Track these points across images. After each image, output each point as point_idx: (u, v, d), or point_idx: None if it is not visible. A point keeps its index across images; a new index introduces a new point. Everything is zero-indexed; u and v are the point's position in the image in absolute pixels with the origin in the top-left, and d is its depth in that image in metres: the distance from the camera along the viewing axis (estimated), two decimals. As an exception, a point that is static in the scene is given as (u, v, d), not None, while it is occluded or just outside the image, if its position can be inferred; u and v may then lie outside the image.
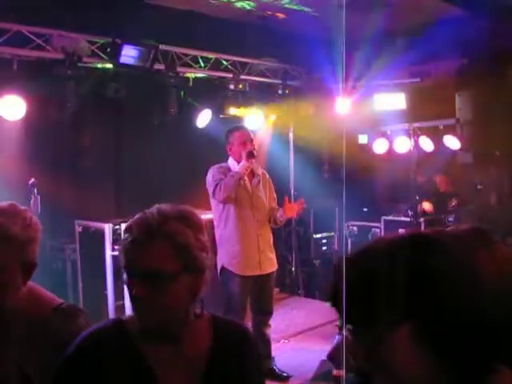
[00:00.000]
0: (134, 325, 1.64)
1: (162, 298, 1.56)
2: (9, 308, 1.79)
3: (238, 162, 4.91)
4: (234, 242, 4.87)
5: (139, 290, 1.55)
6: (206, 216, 5.11)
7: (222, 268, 4.84)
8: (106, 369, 1.58)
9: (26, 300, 1.84)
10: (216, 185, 4.76)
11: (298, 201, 5.30)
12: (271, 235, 5.17)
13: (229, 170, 4.92)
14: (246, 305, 4.94)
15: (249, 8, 6.84)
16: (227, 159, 5.06)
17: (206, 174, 4.96)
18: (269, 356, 5.05)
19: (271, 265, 5.05)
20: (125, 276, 1.60)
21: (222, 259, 4.85)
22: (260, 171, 5.12)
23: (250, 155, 4.79)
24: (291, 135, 8.44)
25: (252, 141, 4.96)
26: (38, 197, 5.12)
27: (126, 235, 1.59)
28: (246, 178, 4.92)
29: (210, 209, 5.10)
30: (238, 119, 7.22)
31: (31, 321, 1.82)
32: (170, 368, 1.63)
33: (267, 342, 5.02)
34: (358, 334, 1.00)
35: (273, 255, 5.10)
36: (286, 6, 6.61)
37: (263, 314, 5.03)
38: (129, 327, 1.66)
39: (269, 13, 7.05)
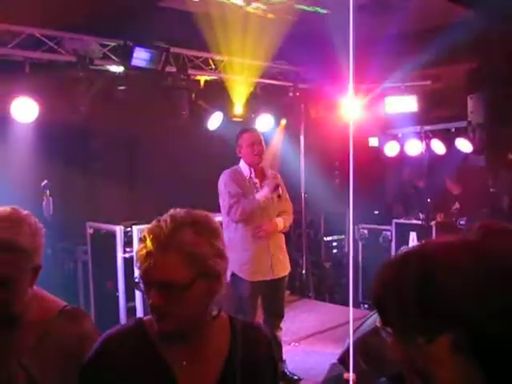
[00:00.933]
0: (153, 327, 1.65)
1: (178, 306, 1.58)
2: (17, 311, 1.80)
3: (248, 165, 4.92)
4: (244, 246, 4.83)
5: (155, 300, 1.57)
6: (218, 218, 5.11)
7: (232, 273, 4.79)
8: (127, 371, 1.61)
9: (32, 303, 1.85)
10: (232, 204, 4.76)
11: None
12: (283, 237, 5.14)
13: (241, 174, 4.92)
14: (256, 308, 4.92)
15: (263, 8, 6.84)
16: (238, 161, 5.06)
17: (217, 176, 4.96)
18: (280, 359, 5.03)
19: (283, 268, 5.01)
20: (141, 285, 1.62)
21: (232, 264, 4.80)
22: (270, 173, 5.10)
23: (275, 188, 4.83)
24: (302, 138, 8.43)
25: (260, 142, 4.96)
26: (51, 198, 5.15)
27: (141, 246, 1.60)
28: (256, 180, 4.93)
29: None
30: (248, 122, 7.23)
31: (38, 323, 1.83)
32: (189, 369, 1.66)
33: (278, 345, 5.00)
34: (397, 338, 1.01)
35: (285, 258, 5.07)
36: (298, 6, 6.59)
37: (275, 317, 5.02)
38: (149, 329, 1.68)
39: (281, 16, 7.05)
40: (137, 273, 1.62)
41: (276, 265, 4.92)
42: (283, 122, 7.95)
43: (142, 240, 1.61)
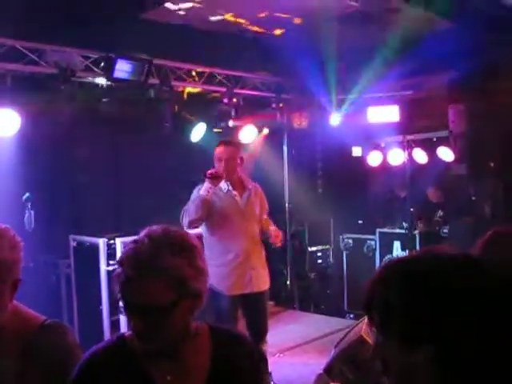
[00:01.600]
0: (136, 343, 1.64)
1: (160, 328, 1.58)
2: None
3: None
4: (223, 261, 4.72)
5: (137, 324, 1.57)
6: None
7: (210, 288, 4.62)
8: None
9: (12, 317, 1.84)
10: (182, 213, 4.63)
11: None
12: (264, 252, 5.05)
13: (219, 188, 4.79)
14: (236, 321, 4.78)
15: (242, 23, 6.88)
16: None
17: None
18: (266, 372, 4.92)
19: (264, 282, 4.91)
20: (121, 308, 1.61)
21: (211, 278, 4.63)
22: (251, 185, 4.99)
23: (210, 177, 4.62)
24: (285, 148, 8.46)
25: (228, 158, 4.77)
26: (32, 212, 5.12)
27: (119, 270, 1.59)
28: (236, 192, 4.83)
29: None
30: (231, 133, 7.25)
31: (19, 337, 1.82)
32: (174, 383, 1.65)
33: (263, 359, 4.86)
34: (381, 340, 1.02)
35: (265, 272, 4.96)
36: (278, 15, 6.62)
37: (258, 333, 4.83)
38: (131, 345, 1.67)
39: (263, 31, 7.10)
40: (117, 296, 1.61)
41: (256, 278, 4.81)
42: (265, 130, 7.95)
43: (120, 263, 1.59)
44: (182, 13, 6.33)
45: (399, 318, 0.96)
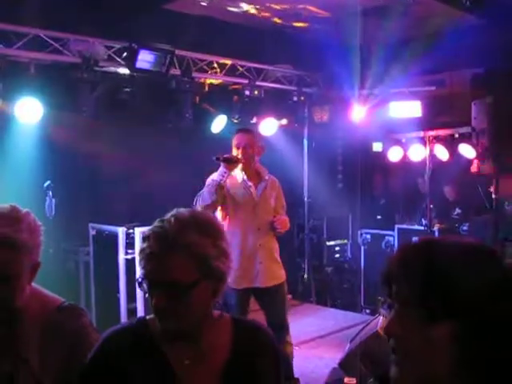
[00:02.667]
0: (156, 326, 1.66)
1: (182, 307, 1.59)
2: (17, 307, 1.82)
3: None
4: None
5: (159, 301, 1.57)
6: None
7: None
8: (128, 368, 1.62)
9: (31, 299, 1.88)
10: (196, 198, 4.54)
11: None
12: (276, 245, 4.86)
13: (235, 177, 4.70)
14: (245, 315, 4.64)
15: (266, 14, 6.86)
16: None
17: None
18: (290, 377, 4.70)
19: (273, 277, 4.73)
20: (144, 285, 1.61)
21: None
22: (267, 176, 4.85)
23: (226, 161, 4.52)
24: (305, 142, 8.44)
25: (246, 145, 4.66)
26: (53, 199, 5.16)
27: (144, 245, 1.60)
28: (251, 183, 4.70)
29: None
30: (252, 125, 7.24)
31: (37, 319, 1.87)
32: (192, 368, 1.66)
33: (287, 361, 4.69)
34: (398, 314, 1.01)
35: (276, 266, 4.78)
36: (303, 6, 6.59)
37: (277, 329, 4.55)
38: (152, 328, 1.68)
39: (289, 23, 7.08)
40: (140, 272, 1.62)
41: (263, 273, 4.66)
42: (284, 121, 7.91)
43: (145, 239, 1.60)
44: (204, 4, 6.33)
45: (424, 287, 0.94)
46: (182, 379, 1.64)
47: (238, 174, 4.71)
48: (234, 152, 4.70)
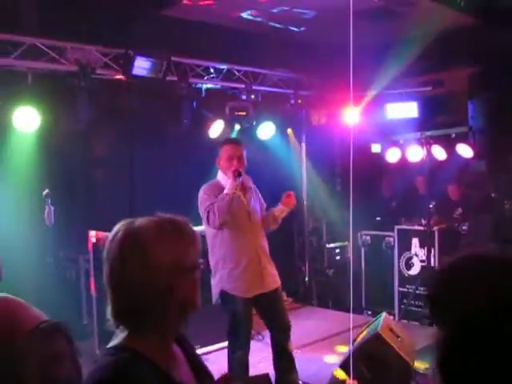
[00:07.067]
0: (150, 349, 1.61)
1: None
2: None
3: (228, 178, 4.66)
4: (237, 263, 4.61)
5: None
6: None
7: (223, 292, 4.59)
8: None
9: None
10: (208, 212, 4.48)
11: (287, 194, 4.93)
12: (267, 247, 4.89)
13: (218, 185, 4.68)
14: (251, 325, 4.71)
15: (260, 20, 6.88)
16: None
17: None
18: (294, 371, 4.84)
19: (274, 281, 4.76)
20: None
21: (223, 283, 4.60)
22: (251, 184, 4.88)
23: (237, 175, 4.53)
24: (303, 145, 8.44)
25: (240, 157, 4.68)
26: (52, 207, 5.16)
27: None
28: (240, 193, 4.66)
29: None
30: (249, 130, 7.25)
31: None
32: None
33: (290, 358, 4.80)
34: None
35: (273, 269, 4.81)
36: (296, 10, 6.60)
37: (281, 331, 4.76)
38: (148, 355, 1.61)
39: (285, 26, 7.09)
40: None
41: (267, 277, 4.70)
42: (289, 131, 7.94)
43: None
44: (200, 10, 6.35)
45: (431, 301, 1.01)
46: None
47: (226, 183, 4.66)
48: (227, 162, 4.67)
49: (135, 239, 1.60)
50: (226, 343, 4.84)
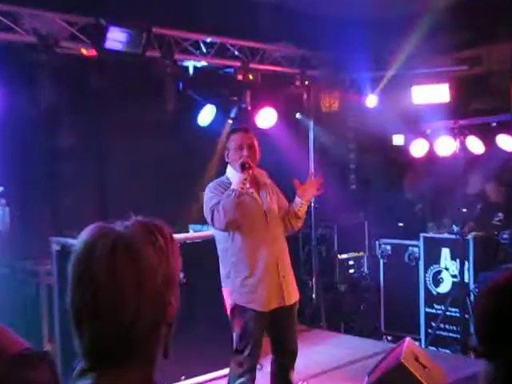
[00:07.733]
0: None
1: None
2: None
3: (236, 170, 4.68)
4: (247, 271, 4.60)
5: None
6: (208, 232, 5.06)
7: (237, 306, 4.61)
8: None
9: None
10: (212, 211, 4.49)
11: (310, 179, 4.97)
12: (288, 253, 4.90)
13: (229, 184, 4.66)
14: (261, 342, 4.68)
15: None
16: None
17: (208, 182, 4.85)
18: None
19: (295, 293, 4.80)
20: None
21: (235, 296, 4.62)
22: (267, 179, 4.89)
23: (244, 166, 4.54)
24: (311, 136, 8.43)
25: (251, 145, 4.71)
26: (7, 209, 5.14)
27: None
28: (253, 190, 4.70)
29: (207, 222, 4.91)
30: (246, 116, 7.23)
31: None
32: None
33: None
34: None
35: (294, 280, 4.85)
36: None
37: (288, 355, 4.76)
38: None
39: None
40: None
41: (287, 288, 4.69)
42: (298, 115, 7.92)
43: None
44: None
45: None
46: None
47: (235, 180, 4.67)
48: (234, 153, 4.70)
49: (129, 251, 1.56)
50: (222, 372, 4.82)
